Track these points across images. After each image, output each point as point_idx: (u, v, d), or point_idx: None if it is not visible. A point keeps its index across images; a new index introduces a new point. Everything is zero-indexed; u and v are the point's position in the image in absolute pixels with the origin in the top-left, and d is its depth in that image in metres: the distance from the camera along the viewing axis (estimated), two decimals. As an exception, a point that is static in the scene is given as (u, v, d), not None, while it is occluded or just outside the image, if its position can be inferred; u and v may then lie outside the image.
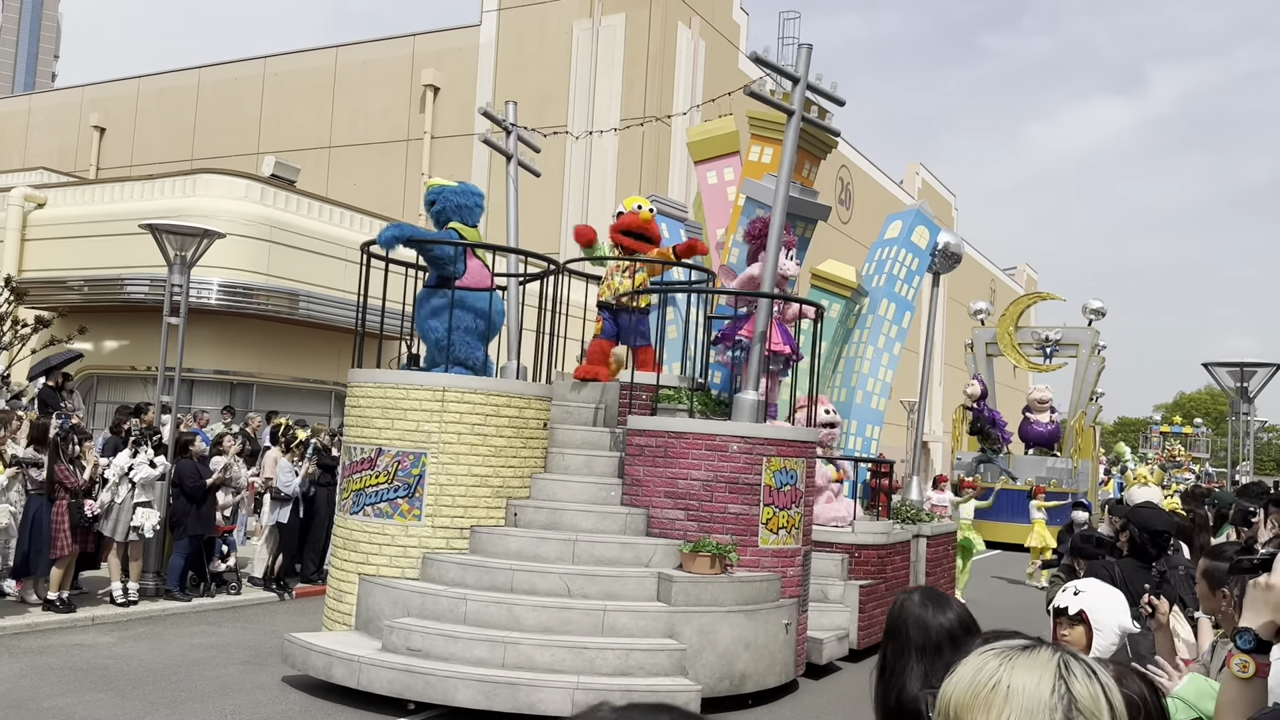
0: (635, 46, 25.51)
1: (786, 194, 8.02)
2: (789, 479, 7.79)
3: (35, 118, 37.08)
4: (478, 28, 28.38)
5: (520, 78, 26.67)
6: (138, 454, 9.17)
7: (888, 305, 12.14)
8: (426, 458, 7.50)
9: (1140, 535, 4.85)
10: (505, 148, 10.17)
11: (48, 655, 7.58)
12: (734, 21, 29.35)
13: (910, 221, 12.45)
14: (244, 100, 31.51)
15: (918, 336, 16.57)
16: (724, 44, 28.32)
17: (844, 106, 8.60)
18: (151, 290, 15.07)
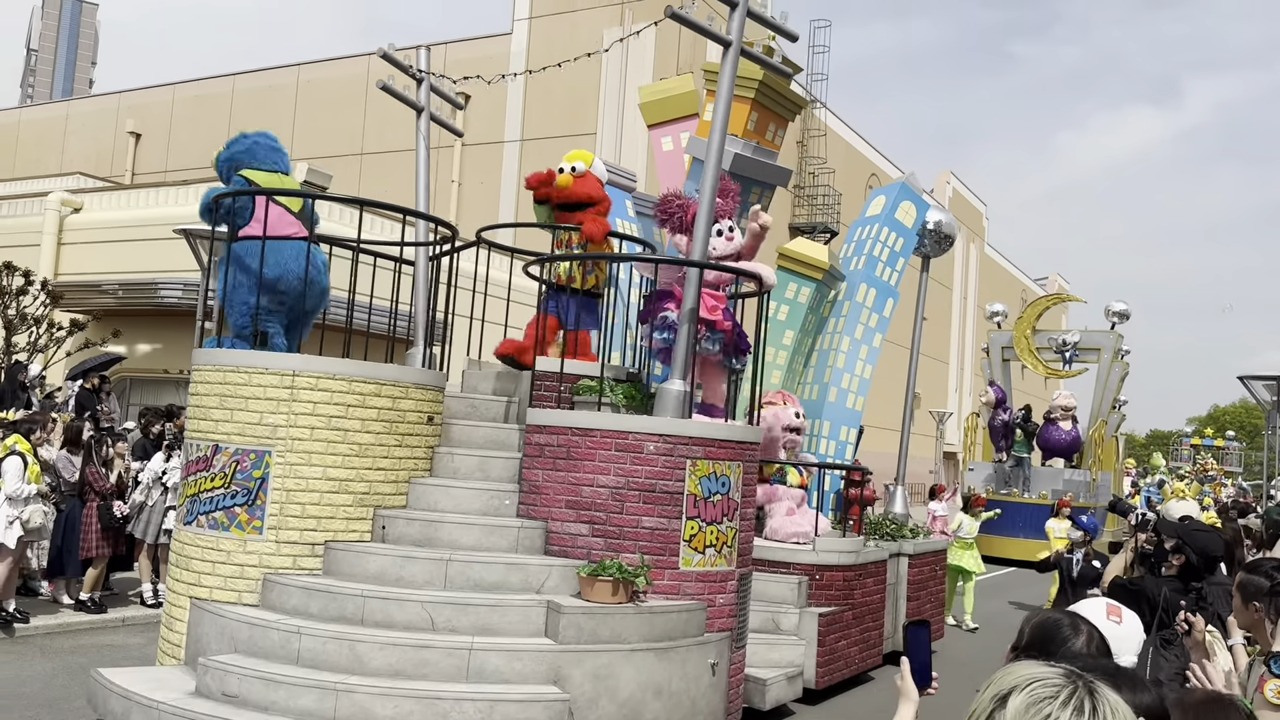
0: (665, 53, 26.27)
1: (722, 143, 6.76)
2: (720, 487, 6.52)
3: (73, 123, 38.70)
4: (508, 36, 29.54)
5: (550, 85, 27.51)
6: (170, 458, 9.67)
7: (867, 291, 10.87)
8: (270, 457, 6.25)
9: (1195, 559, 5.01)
10: (415, 100, 8.93)
11: (78, 655, 8.05)
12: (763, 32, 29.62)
13: (894, 196, 11.18)
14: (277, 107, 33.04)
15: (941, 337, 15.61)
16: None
17: (796, 41, 7.32)
18: (185, 294, 15.84)
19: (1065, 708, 1.34)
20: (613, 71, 27.08)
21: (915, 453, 43.65)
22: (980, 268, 55.94)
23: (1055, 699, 1.35)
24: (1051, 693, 1.36)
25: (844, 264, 11.20)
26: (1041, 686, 1.37)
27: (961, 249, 53.31)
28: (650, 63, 26.46)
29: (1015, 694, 1.38)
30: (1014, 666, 1.45)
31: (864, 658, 9.08)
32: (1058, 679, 1.38)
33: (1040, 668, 1.42)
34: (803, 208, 34.00)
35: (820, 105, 35.57)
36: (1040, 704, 1.35)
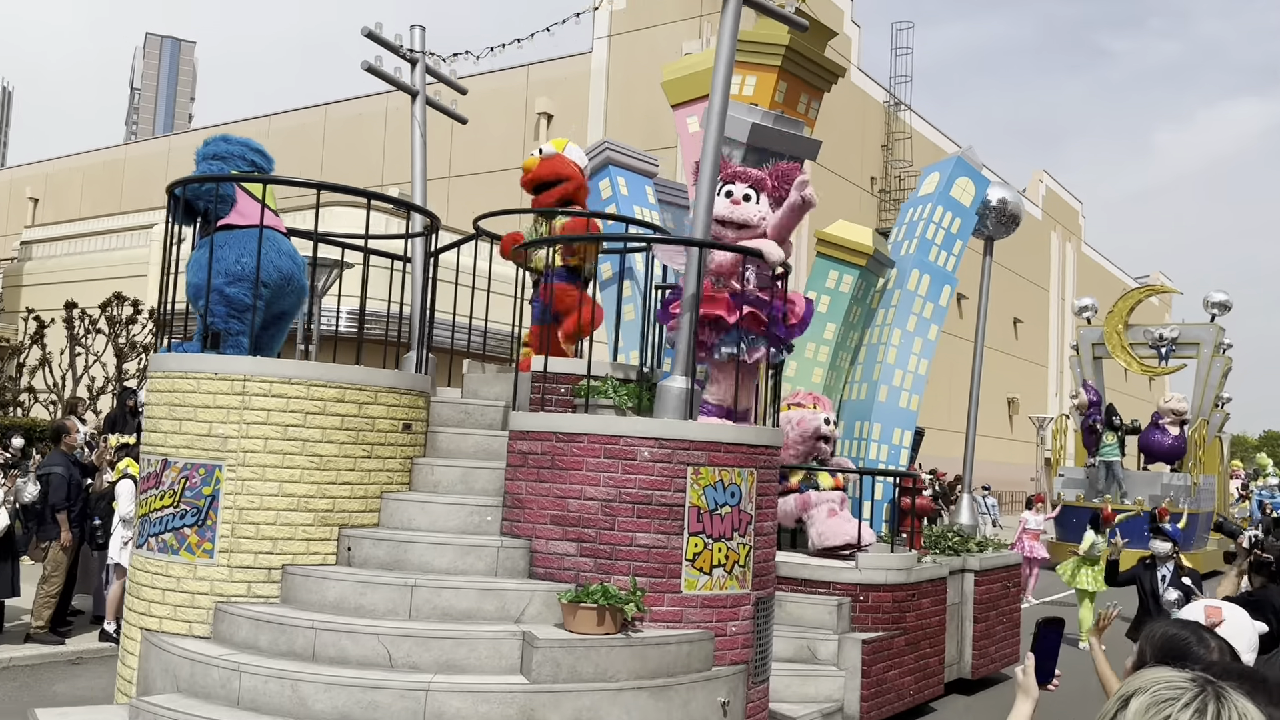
0: None
1: (723, 105, 6.00)
2: (728, 498, 5.75)
3: (174, 157, 41.03)
4: (589, 55, 30.44)
5: (631, 101, 28.39)
6: None
7: (919, 277, 9.95)
8: (221, 472, 5.70)
9: None
10: (408, 83, 8.38)
11: None
12: (845, 35, 30.49)
13: (949, 172, 10.25)
14: (367, 134, 34.37)
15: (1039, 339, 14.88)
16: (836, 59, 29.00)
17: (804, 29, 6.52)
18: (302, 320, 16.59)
19: (1186, 710, 1.37)
20: None
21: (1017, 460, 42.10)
22: (1078, 267, 54.00)
23: (1177, 701, 1.38)
24: (1174, 694, 1.40)
25: (894, 249, 10.30)
26: (1166, 688, 1.41)
27: (1058, 248, 51.53)
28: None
29: (1138, 695, 1.42)
30: (1145, 671, 1.49)
31: (921, 688, 8.17)
32: (1184, 683, 1.41)
33: (1170, 672, 1.46)
34: (889, 212, 33.18)
35: (905, 108, 34.67)
36: (1161, 705, 1.39)
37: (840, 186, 30.39)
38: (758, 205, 6.27)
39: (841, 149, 30.25)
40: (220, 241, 6.05)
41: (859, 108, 32.32)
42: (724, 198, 6.24)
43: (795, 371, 9.69)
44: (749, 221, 6.23)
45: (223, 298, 6.00)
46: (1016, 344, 45.55)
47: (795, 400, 8.77)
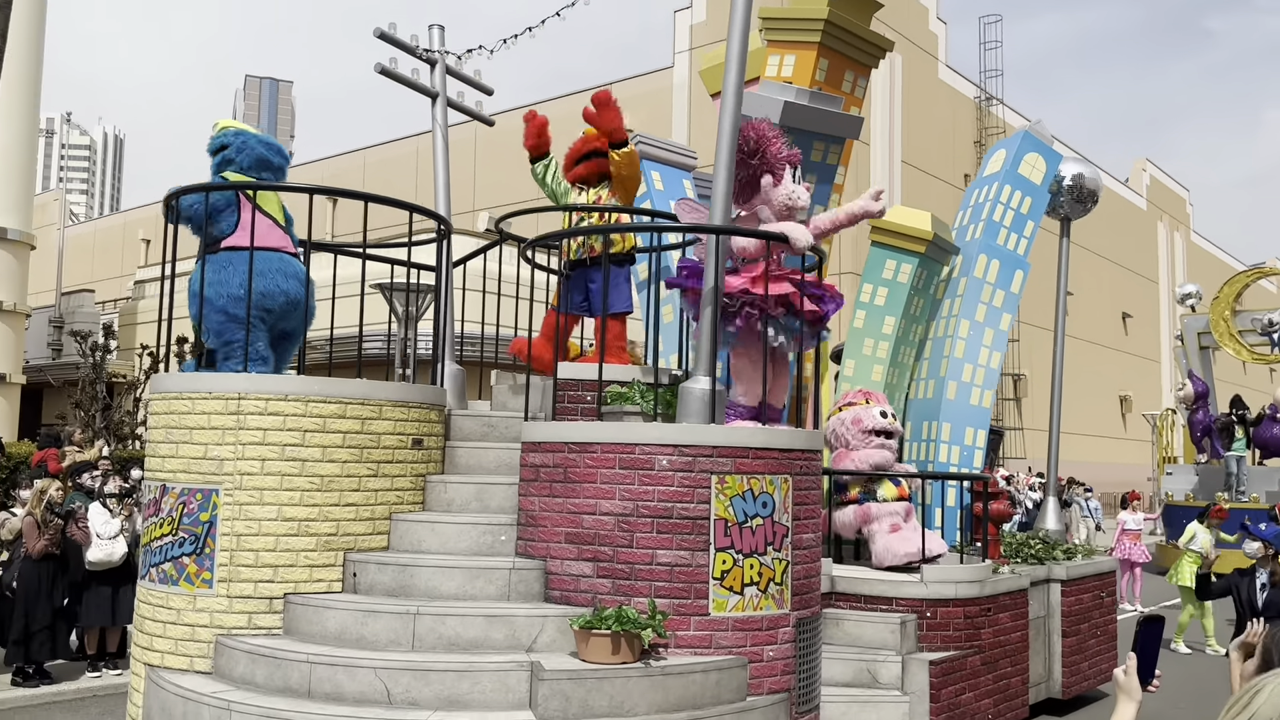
0: None
1: (739, 79, 5.52)
2: (759, 508, 5.25)
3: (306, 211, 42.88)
4: (670, 70, 31.10)
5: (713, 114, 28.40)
6: None
7: (987, 263, 9.26)
8: (218, 496, 5.43)
9: None
10: (427, 85, 8.09)
11: None
12: (931, 32, 30.43)
13: (1016, 148, 9.54)
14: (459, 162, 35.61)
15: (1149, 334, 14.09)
16: (922, 56, 29.35)
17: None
18: (384, 345, 16.17)
19: None
20: None
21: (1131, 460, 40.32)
22: (1188, 257, 51.74)
23: None
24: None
25: (959, 234, 9.63)
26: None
27: (1165, 238, 49.46)
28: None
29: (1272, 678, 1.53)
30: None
31: (1001, 711, 7.49)
32: None
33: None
34: None
35: (997, 102, 33.71)
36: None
37: (931, 184, 29.52)
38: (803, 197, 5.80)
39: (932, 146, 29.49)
40: (224, 262, 5.77)
41: (949, 104, 31.52)
42: (800, 185, 5.74)
43: (854, 370, 9.11)
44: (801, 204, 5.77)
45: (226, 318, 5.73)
46: (1127, 340, 43.63)
47: (846, 400, 8.21)
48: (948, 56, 32.26)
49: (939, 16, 31.52)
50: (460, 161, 35.05)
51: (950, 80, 31.93)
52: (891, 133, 28.28)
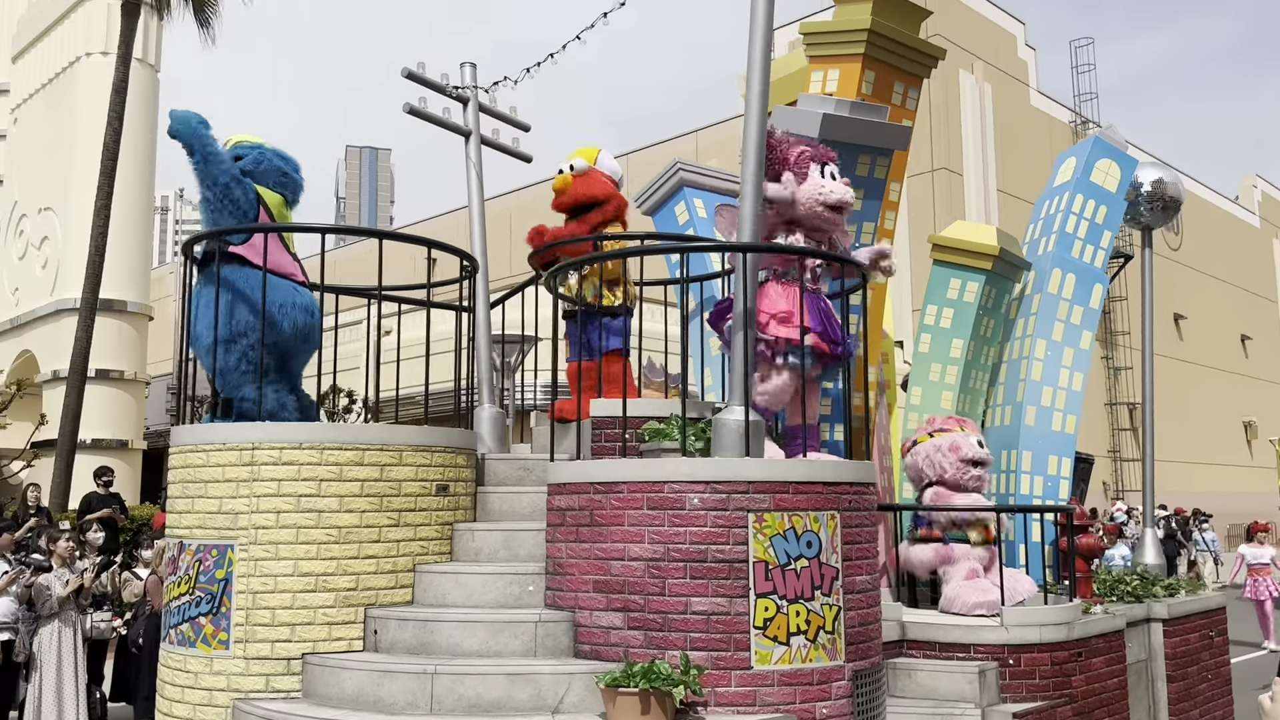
0: None
1: (764, 86, 5.18)
2: (803, 549, 4.80)
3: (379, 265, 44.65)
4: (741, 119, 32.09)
5: None
6: None
7: (1062, 277, 8.67)
8: (233, 552, 5.21)
9: None
10: (460, 123, 7.94)
11: None
12: (1020, 59, 30.13)
13: (1086, 155, 8.97)
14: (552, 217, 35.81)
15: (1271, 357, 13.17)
16: (1012, 83, 29.21)
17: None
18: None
19: None
20: None
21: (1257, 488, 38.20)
22: (1314, 272, 49.27)
23: None
24: None
25: (1030, 249, 9.06)
26: None
27: (1287, 254, 47.23)
28: None
29: None
30: None
31: (1101, 769, 6.79)
32: None
33: None
34: None
35: (1093, 125, 32.92)
36: None
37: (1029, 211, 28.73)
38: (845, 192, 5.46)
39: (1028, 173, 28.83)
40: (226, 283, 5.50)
41: (1043, 130, 30.84)
42: (831, 179, 5.39)
43: (921, 398, 8.57)
44: (846, 203, 5.40)
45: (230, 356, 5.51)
46: (1247, 363, 41.50)
47: (937, 426, 7.67)
48: (1039, 82, 31.71)
49: (1027, 43, 31.09)
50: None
51: (1043, 106, 31.27)
52: (985, 162, 27.67)
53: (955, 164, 27.08)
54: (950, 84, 26.88)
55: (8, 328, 23.98)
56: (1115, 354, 30.76)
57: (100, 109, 18.06)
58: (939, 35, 27.33)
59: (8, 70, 26.01)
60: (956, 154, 26.73)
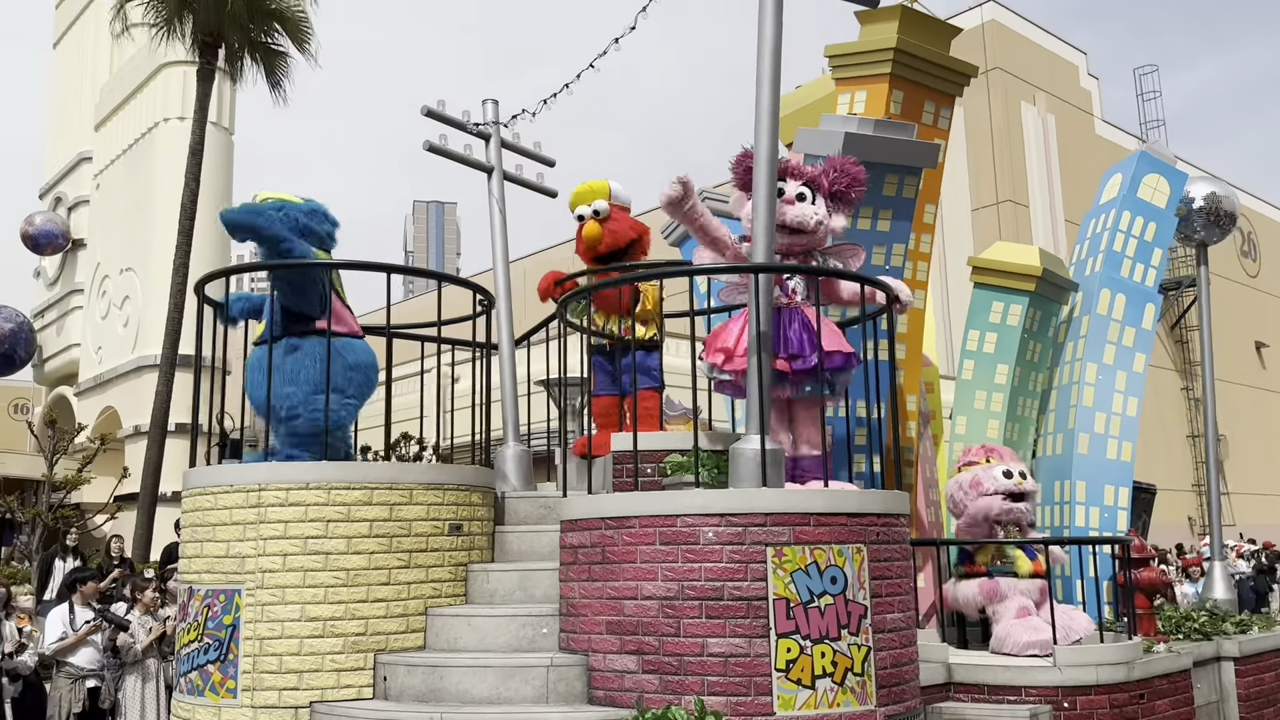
0: (977, 134, 26.44)
1: (774, 100, 5.00)
2: (827, 584, 4.53)
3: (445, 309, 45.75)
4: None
5: None
6: None
7: (1111, 298, 8.30)
8: (240, 597, 5.08)
9: None
10: (482, 160, 7.89)
11: None
12: (1083, 89, 30.11)
13: (1132, 170, 8.63)
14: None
15: None
16: (1076, 113, 29.19)
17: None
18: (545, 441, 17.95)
19: None
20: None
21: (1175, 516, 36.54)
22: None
23: None
24: None
25: (1077, 269, 8.71)
26: None
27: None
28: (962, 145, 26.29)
29: None
30: None
31: (1172, 822, 6.31)
32: None
33: None
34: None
35: None
36: None
37: None
38: (814, 206, 5.21)
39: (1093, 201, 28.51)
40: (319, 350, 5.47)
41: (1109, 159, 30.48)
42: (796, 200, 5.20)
43: (966, 427, 8.23)
44: (804, 225, 5.18)
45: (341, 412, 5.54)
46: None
47: (965, 459, 7.35)
48: (1103, 111, 31.33)
49: (1089, 73, 30.84)
50: None
51: (1109, 135, 30.84)
52: (1051, 192, 27.33)
53: (1021, 196, 26.73)
54: (1012, 116, 26.81)
55: (91, 385, 24.69)
56: (1194, 385, 29.70)
57: (178, 171, 18.71)
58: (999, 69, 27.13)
59: (91, 138, 27.11)
60: (1022, 186, 26.56)
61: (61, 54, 30.03)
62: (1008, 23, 28.40)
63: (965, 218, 26.08)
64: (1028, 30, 29.15)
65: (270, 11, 18.66)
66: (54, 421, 18.68)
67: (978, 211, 26.43)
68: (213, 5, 17.77)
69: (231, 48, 18.71)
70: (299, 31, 19.18)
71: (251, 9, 18.26)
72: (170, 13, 18.37)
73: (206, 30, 18.17)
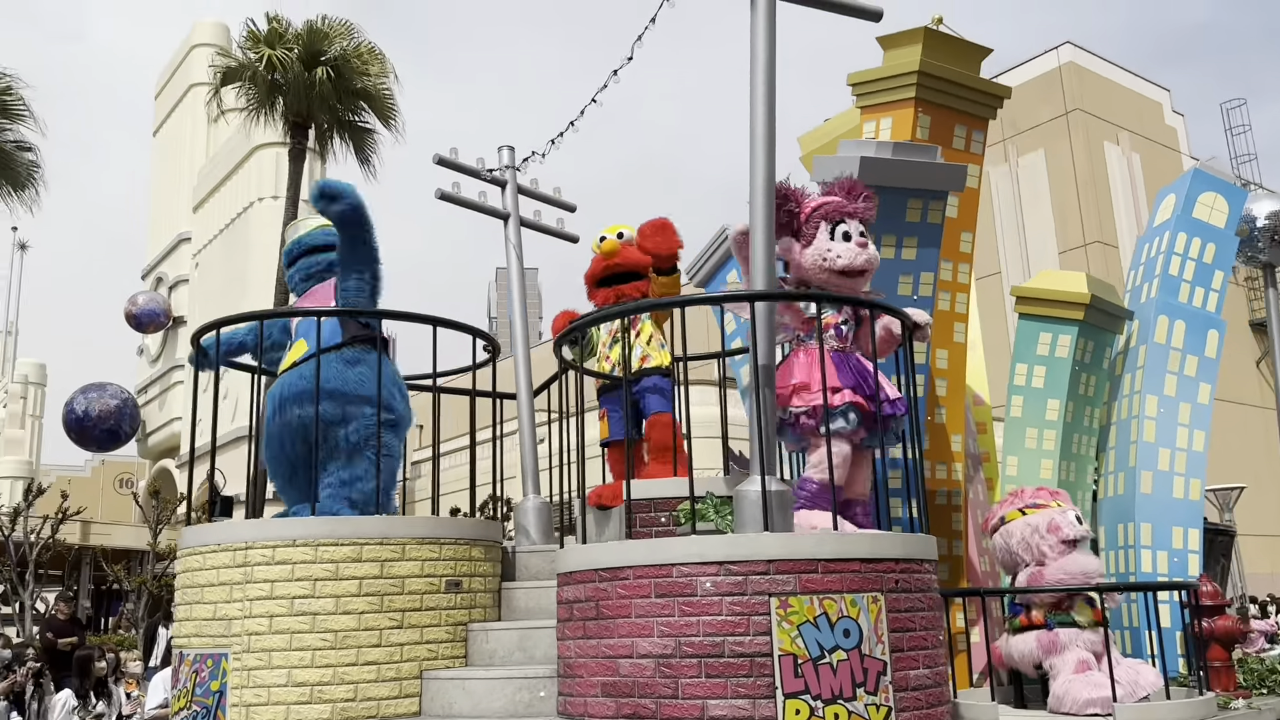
0: (1061, 176, 26.40)
1: (769, 122, 4.75)
2: (839, 638, 4.15)
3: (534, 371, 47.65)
4: None
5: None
6: None
7: (1170, 325, 7.79)
8: (227, 661, 4.87)
9: None
10: (498, 207, 7.76)
11: None
12: (1168, 126, 29.94)
13: (1186, 190, 8.15)
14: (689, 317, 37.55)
15: None
16: (1162, 151, 28.98)
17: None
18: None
19: None
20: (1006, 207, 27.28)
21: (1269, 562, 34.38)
22: None
23: None
24: None
25: (1132, 297, 8.21)
26: None
27: None
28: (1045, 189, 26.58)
29: None
30: None
31: None
32: None
33: None
34: (1258, 300, 29.66)
35: (1255, 186, 31.59)
36: None
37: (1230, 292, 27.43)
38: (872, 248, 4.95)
39: None
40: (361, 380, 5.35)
41: None
42: (842, 240, 4.91)
43: (1018, 468, 7.73)
44: (872, 265, 4.91)
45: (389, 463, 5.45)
46: None
47: (1028, 500, 6.85)
48: (1190, 148, 30.65)
49: (1174, 109, 30.29)
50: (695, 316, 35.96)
51: None
52: (1139, 231, 27.01)
53: (1109, 236, 26.17)
54: (1096, 157, 26.53)
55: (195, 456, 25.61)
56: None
57: (272, 247, 19.41)
58: (1079, 110, 26.75)
59: (189, 219, 28.31)
60: (1109, 226, 26.17)
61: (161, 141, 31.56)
62: (1086, 64, 28.07)
63: (1053, 261, 25.63)
64: (1106, 70, 28.77)
65: (357, 91, 19.41)
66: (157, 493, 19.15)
67: (1065, 254, 25.96)
68: (302, 88, 18.56)
69: (321, 127, 19.52)
70: (384, 109, 19.89)
71: (339, 90, 19.01)
72: (262, 97, 19.24)
73: (296, 112, 19.02)
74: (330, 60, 18.81)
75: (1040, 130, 27.63)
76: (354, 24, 19.63)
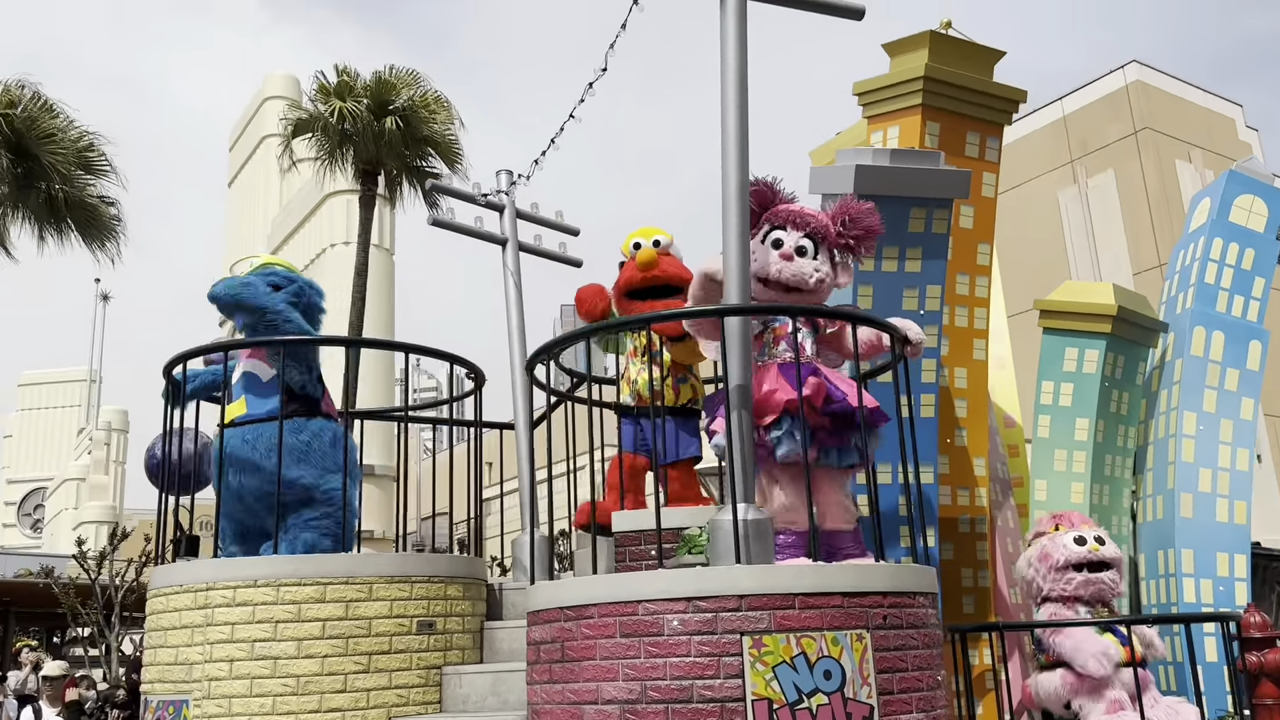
0: (1132, 196, 26.09)
1: (741, 128, 4.50)
2: (820, 680, 3.83)
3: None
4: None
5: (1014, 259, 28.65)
6: None
7: (1207, 336, 7.33)
8: (188, 708, 4.67)
9: None
10: (495, 232, 7.59)
11: None
12: (1241, 142, 29.37)
13: (1221, 193, 7.71)
14: None
15: None
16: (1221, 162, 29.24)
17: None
18: None
19: None
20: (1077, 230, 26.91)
21: None
22: None
23: None
24: None
25: (1168, 307, 7.76)
26: None
27: None
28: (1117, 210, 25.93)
29: None
30: None
31: None
32: None
33: None
34: None
35: None
36: None
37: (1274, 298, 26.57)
38: (814, 261, 4.59)
39: None
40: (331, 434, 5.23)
41: None
42: (770, 247, 4.63)
43: (1047, 493, 7.31)
44: (802, 283, 4.56)
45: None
46: None
47: (1034, 532, 6.50)
48: (1266, 162, 29.98)
49: (1248, 125, 29.66)
50: None
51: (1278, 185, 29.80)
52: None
53: None
54: (1168, 175, 25.90)
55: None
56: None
57: (344, 292, 20.04)
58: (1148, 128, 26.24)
59: None
60: None
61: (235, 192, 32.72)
62: (1153, 81, 27.49)
63: (1128, 283, 24.97)
64: (1175, 87, 28.14)
65: (423, 138, 19.96)
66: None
67: (1139, 275, 25.29)
68: (371, 137, 19.17)
69: (390, 174, 20.17)
70: (450, 154, 20.42)
71: (406, 137, 19.56)
72: (333, 146, 19.92)
73: (366, 160, 19.66)
74: (398, 110, 19.33)
75: (1109, 150, 27.06)
76: (420, 73, 20.23)
